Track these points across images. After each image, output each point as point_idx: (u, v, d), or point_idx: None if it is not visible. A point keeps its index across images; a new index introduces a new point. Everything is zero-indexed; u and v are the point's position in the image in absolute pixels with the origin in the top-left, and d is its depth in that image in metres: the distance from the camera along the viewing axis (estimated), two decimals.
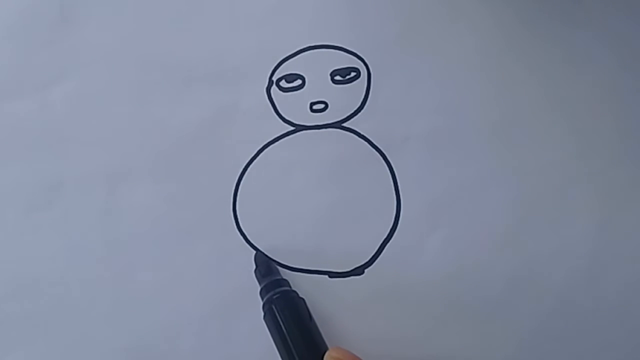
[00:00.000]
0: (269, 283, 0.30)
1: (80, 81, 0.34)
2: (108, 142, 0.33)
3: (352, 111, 0.33)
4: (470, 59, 0.33)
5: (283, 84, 0.33)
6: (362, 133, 0.33)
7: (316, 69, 0.33)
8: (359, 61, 0.33)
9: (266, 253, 0.32)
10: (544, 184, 0.32)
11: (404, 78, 0.33)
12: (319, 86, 0.33)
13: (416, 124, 0.33)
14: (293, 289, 0.31)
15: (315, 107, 0.33)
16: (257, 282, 0.31)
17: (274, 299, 0.30)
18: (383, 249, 0.32)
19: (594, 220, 0.32)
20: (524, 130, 0.33)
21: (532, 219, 0.32)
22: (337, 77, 0.33)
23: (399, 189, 0.32)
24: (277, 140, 0.33)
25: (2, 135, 0.33)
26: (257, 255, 0.32)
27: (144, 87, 0.34)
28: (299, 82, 0.33)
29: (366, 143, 0.33)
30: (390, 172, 0.33)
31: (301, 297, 0.30)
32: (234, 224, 0.32)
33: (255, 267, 0.31)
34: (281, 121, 0.33)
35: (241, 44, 0.34)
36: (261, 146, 0.33)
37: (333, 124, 0.33)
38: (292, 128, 0.33)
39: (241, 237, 0.32)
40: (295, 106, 0.33)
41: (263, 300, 0.30)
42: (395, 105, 0.33)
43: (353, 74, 0.33)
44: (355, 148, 0.33)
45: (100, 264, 0.32)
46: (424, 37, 0.33)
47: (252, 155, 0.33)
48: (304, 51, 0.33)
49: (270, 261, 0.32)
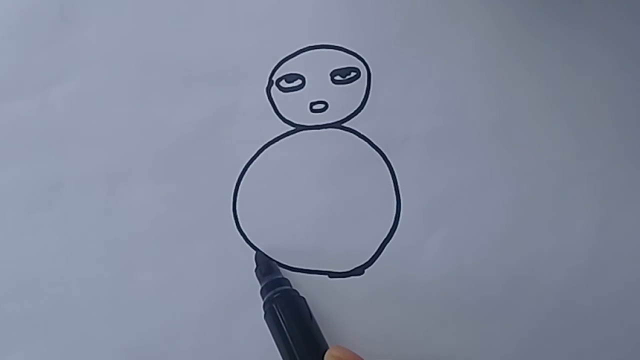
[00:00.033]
0: (270, 282, 0.30)
1: (80, 81, 0.34)
2: (108, 142, 0.33)
3: (352, 111, 0.33)
4: (470, 59, 0.33)
5: (283, 84, 0.33)
6: (362, 133, 0.33)
7: (316, 69, 0.33)
8: (359, 61, 0.33)
9: (266, 253, 0.32)
10: (544, 184, 0.32)
11: (404, 78, 0.33)
12: (319, 86, 0.33)
13: (416, 124, 0.33)
14: (293, 288, 0.31)
15: (315, 107, 0.33)
16: (258, 282, 0.31)
17: (274, 298, 0.30)
18: (383, 249, 0.32)
19: (594, 220, 0.32)
20: (524, 130, 0.33)
21: (532, 219, 0.32)
22: (337, 77, 0.33)
23: (399, 189, 0.32)
24: (277, 140, 0.33)
25: (2, 135, 0.33)
26: (258, 254, 0.32)
27: (144, 87, 0.34)
28: (299, 82, 0.33)
29: (366, 143, 0.33)
30: (390, 172, 0.33)
31: (302, 296, 0.30)
32: (234, 224, 0.32)
33: (255, 267, 0.31)
34: (281, 121, 0.33)
35: (241, 44, 0.34)
36: (261, 146, 0.33)
37: (333, 124, 0.33)
38: (292, 128, 0.33)
39: (241, 237, 0.32)
40: (295, 106, 0.33)
41: (264, 299, 0.30)
42: (395, 105, 0.33)
43: (353, 74, 0.33)
44: (355, 148, 0.33)
45: (100, 264, 0.32)
46: (424, 37, 0.33)
47: (252, 155, 0.33)
48: (304, 51, 0.33)
49: (270, 260, 0.32)
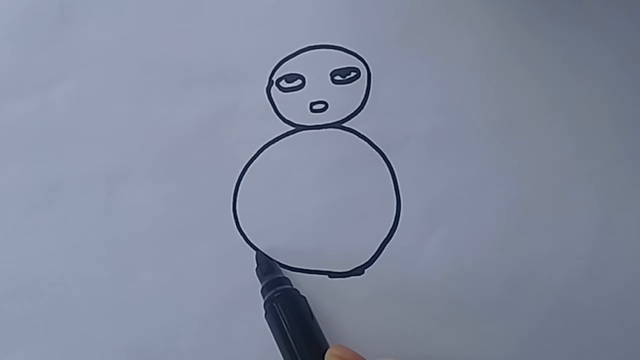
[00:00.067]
0: (270, 281, 0.30)
1: (80, 81, 0.34)
2: (108, 142, 0.33)
3: (352, 111, 0.33)
4: (470, 59, 0.33)
5: (283, 84, 0.33)
6: (362, 133, 0.33)
7: (316, 69, 0.33)
8: (359, 61, 0.33)
9: (266, 253, 0.32)
10: (544, 184, 0.32)
11: (404, 78, 0.33)
12: (319, 86, 0.33)
13: (416, 124, 0.33)
14: (294, 287, 0.31)
15: (315, 107, 0.33)
16: (259, 281, 0.31)
17: (275, 297, 0.30)
18: (383, 249, 0.32)
19: (594, 220, 0.32)
20: (524, 130, 0.33)
21: (532, 219, 0.32)
22: (337, 77, 0.33)
23: (399, 189, 0.32)
24: (277, 140, 0.33)
25: (2, 135, 0.33)
26: (259, 254, 0.32)
27: (144, 87, 0.34)
28: (299, 82, 0.33)
29: (366, 143, 0.33)
30: (390, 172, 0.33)
31: (302, 295, 0.30)
32: (234, 224, 0.32)
33: (256, 266, 0.31)
34: (281, 121, 0.33)
35: (241, 44, 0.34)
36: (261, 146, 0.33)
37: (333, 124, 0.33)
38: (292, 128, 0.33)
39: (241, 237, 0.32)
40: (295, 106, 0.33)
41: (264, 298, 0.30)
42: (395, 105, 0.33)
43: (353, 74, 0.33)
44: (355, 148, 0.33)
45: (100, 264, 0.32)
46: (424, 37, 0.33)
47: (252, 155, 0.33)
48: (304, 51, 0.33)
49: (271, 260, 0.32)
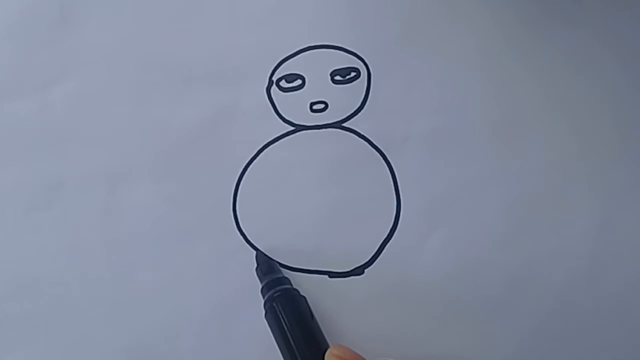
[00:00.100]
0: (270, 281, 0.30)
1: (80, 81, 0.34)
2: (108, 142, 0.33)
3: (352, 111, 0.33)
4: (470, 59, 0.33)
5: (283, 84, 0.33)
6: (362, 133, 0.33)
7: (316, 69, 0.33)
8: (359, 61, 0.33)
9: (266, 253, 0.32)
10: (544, 184, 0.32)
11: (404, 78, 0.33)
12: (319, 86, 0.33)
13: (416, 124, 0.33)
14: (294, 287, 0.31)
15: (315, 107, 0.33)
16: (259, 281, 0.31)
17: (275, 296, 0.30)
18: (383, 249, 0.32)
19: (594, 220, 0.32)
20: (524, 130, 0.33)
21: (532, 219, 0.32)
22: (337, 77, 0.33)
23: (399, 189, 0.32)
24: (277, 140, 0.33)
25: (2, 135, 0.33)
26: (259, 254, 0.32)
27: (144, 87, 0.34)
28: (299, 82, 0.33)
29: (366, 143, 0.33)
30: (390, 172, 0.33)
31: (302, 295, 0.30)
32: (234, 224, 0.32)
33: (256, 266, 0.31)
34: (281, 121, 0.33)
35: (241, 44, 0.34)
36: (261, 146, 0.33)
37: (333, 124, 0.33)
38: (292, 128, 0.33)
39: (241, 237, 0.32)
40: (295, 106, 0.33)
41: (264, 298, 0.30)
42: (395, 105, 0.33)
43: (353, 74, 0.33)
44: (355, 148, 0.33)
45: (100, 264, 0.32)
46: (424, 37, 0.33)
47: (252, 155, 0.33)
48: (304, 51, 0.33)
49: (271, 260, 0.32)
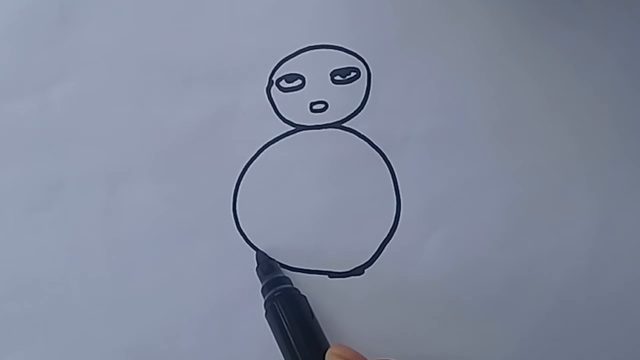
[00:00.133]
0: (271, 281, 0.30)
1: (80, 81, 0.34)
2: (108, 142, 0.33)
3: (352, 111, 0.33)
4: (470, 59, 0.33)
5: (283, 84, 0.33)
6: (362, 133, 0.33)
7: (316, 69, 0.33)
8: (359, 61, 0.33)
9: (266, 253, 0.32)
10: (544, 184, 0.32)
11: (404, 78, 0.33)
12: (319, 86, 0.33)
13: (416, 124, 0.33)
14: (294, 286, 0.31)
15: (315, 107, 0.33)
16: (259, 280, 0.31)
17: (275, 296, 0.30)
18: (383, 249, 0.32)
19: (594, 220, 0.32)
20: (524, 130, 0.33)
21: (532, 219, 0.32)
22: (337, 77, 0.33)
23: (399, 189, 0.32)
24: (277, 140, 0.33)
25: (2, 135, 0.33)
26: (259, 253, 0.32)
27: (144, 87, 0.34)
28: (299, 82, 0.33)
29: (366, 143, 0.33)
30: (390, 172, 0.33)
31: (303, 294, 0.30)
32: (234, 224, 0.32)
33: (257, 265, 0.31)
34: (281, 121, 0.33)
35: (241, 44, 0.34)
36: (261, 146, 0.33)
37: (333, 124, 0.33)
38: (292, 128, 0.33)
39: (241, 237, 0.32)
40: (295, 106, 0.33)
41: (265, 297, 0.30)
42: (395, 105, 0.33)
43: (353, 74, 0.33)
44: (355, 148, 0.33)
45: (100, 264, 0.32)
46: (424, 37, 0.33)
47: (252, 155, 0.33)
48: (304, 51, 0.33)
49: (271, 259, 0.32)
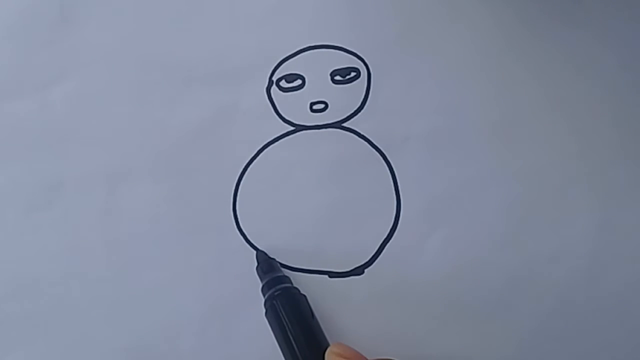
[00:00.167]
0: (271, 280, 0.30)
1: (80, 81, 0.34)
2: (108, 142, 0.33)
3: (352, 111, 0.33)
4: (470, 59, 0.33)
5: (283, 84, 0.33)
6: (362, 133, 0.33)
7: (316, 69, 0.33)
8: (359, 61, 0.33)
9: (266, 253, 0.32)
10: (544, 184, 0.32)
11: (404, 78, 0.33)
12: (319, 86, 0.33)
13: (416, 124, 0.33)
14: (295, 285, 0.31)
15: (315, 107, 0.33)
16: (259, 280, 0.31)
17: (275, 295, 0.30)
18: (383, 249, 0.32)
19: (594, 220, 0.32)
20: (524, 130, 0.33)
21: (532, 219, 0.32)
22: (337, 77, 0.33)
23: (399, 189, 0.32)
24: (277, 140, 0.33)
25: (2, 135, 0.33)
26: (259, 252, 0.32)
27: (144, 87, 0.34)
28: (299, 82, 0.33)
29: (366, 143, 0.33)
30: (390, 172, 0.33)
31: (303, 293, 0.30)
32: (234, 223, 0.32)
33: (257, 265, 0.31)
34: (281, 121, 0.33)
35: (241, 44, 0.34)
36: (261, 146, 0.33)
37: (333, 124, 0.33)
38: (292, 128, 0.33)
39: (241, 237, 0.32)
40: (295, 106, 0.33)
41: (265, 297, 0.30)
42: (395, 105, 0.33)
43: (353, 74, 0.33)
44: (355, 148, 0.33)
45: (100, 264, 0.32)
46: (424, 37, 0.33)
47: (252, 155, 0.33)
48: (304, 51, 0.33)
49: (271, 258, 0.32)
